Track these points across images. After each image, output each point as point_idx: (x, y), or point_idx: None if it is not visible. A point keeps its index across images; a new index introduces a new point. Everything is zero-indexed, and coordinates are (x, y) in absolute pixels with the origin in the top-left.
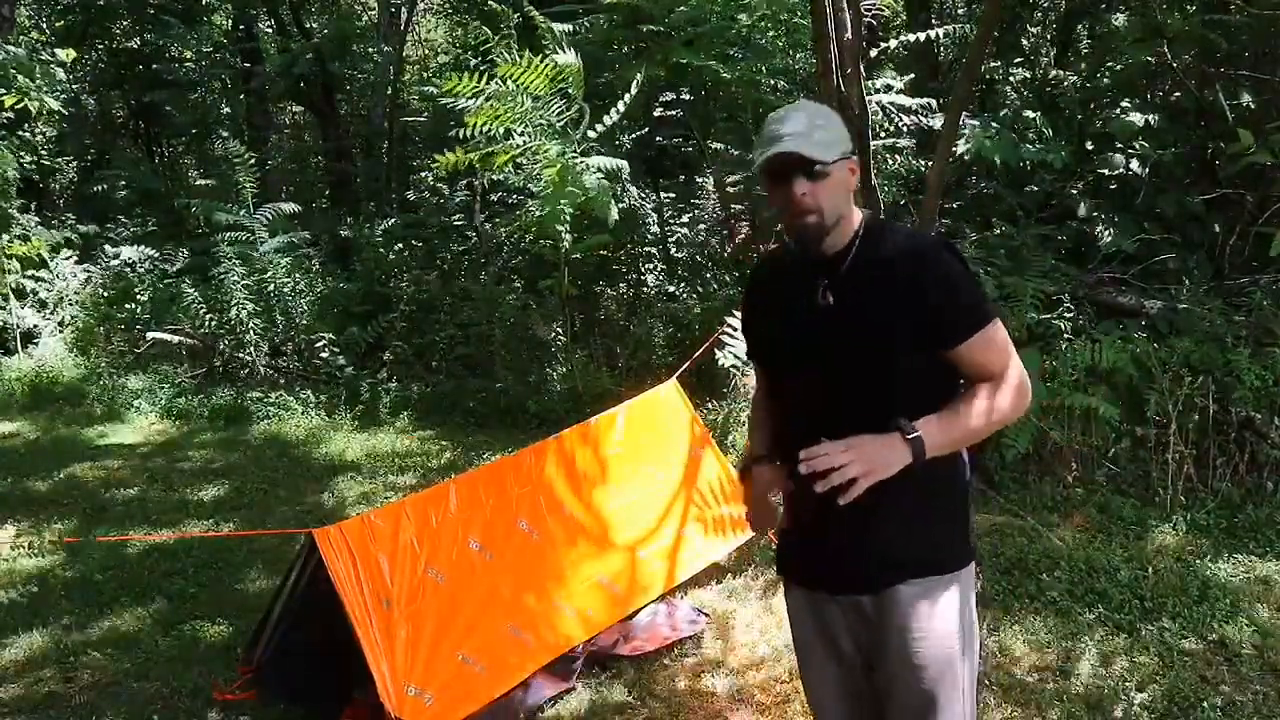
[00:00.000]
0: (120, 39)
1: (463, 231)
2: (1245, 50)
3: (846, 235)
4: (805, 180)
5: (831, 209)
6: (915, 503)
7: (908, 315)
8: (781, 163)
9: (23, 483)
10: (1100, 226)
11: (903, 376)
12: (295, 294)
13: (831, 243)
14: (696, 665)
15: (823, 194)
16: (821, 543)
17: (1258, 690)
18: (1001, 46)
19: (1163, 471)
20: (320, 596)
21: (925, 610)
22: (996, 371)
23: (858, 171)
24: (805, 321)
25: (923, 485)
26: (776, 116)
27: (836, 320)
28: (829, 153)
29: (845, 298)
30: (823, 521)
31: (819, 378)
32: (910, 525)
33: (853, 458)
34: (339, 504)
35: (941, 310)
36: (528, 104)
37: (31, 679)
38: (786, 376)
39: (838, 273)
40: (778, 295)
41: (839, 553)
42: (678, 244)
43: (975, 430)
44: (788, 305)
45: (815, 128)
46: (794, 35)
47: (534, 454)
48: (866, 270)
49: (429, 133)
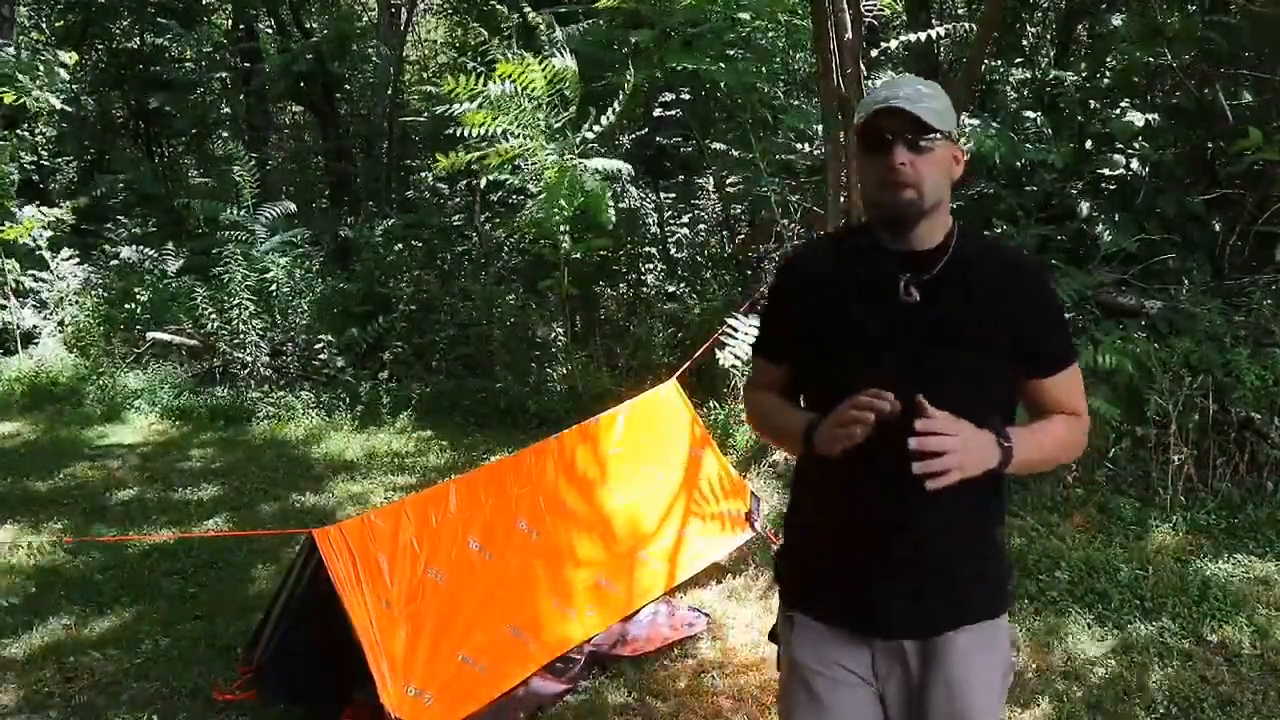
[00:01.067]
0: (120, 39)
1: (462, 231)
2: (1245, 50)
3: (940, 230)
4: (907, 150)
5: (932, 189)
6: (980, 532)
7: (1010, 334)
8: (884, 124)
9: (22, 483)
10: (1100, 226)
11: (986, 395)
12: (295, 294)
13: (923, 234)
14: (696, 665)
15: (925, 168)
16: (868, 572)
17: (1258, 690)
18: (1001, 46)
19: (1163, 471)
20: (320, 596)
21: (979, 662)
22: (1078, 409)
23: (963, 161)
24: (883, 315)
25: (987, 513)
26: (887, 82)
27: (925, 321)
28: (937, 120)
29: (939, 299)
30: (881, 544)
31: (893, 378)
32: (974, 559)
33: (957, 445)
34: (339, 504)
35: (1047, 339)
36: (526, 105)
37: (31, 679)
38: (850, 374)
39: (928, 270)
40: (844, 281)
41: (891, 586)
42: (678, 244)
43: (1050, 459)
44: (859, 293)
45: (925, 96)
46: (794, 35)
47: (534, 454)
48: (965, 275)
49: (429, 133)
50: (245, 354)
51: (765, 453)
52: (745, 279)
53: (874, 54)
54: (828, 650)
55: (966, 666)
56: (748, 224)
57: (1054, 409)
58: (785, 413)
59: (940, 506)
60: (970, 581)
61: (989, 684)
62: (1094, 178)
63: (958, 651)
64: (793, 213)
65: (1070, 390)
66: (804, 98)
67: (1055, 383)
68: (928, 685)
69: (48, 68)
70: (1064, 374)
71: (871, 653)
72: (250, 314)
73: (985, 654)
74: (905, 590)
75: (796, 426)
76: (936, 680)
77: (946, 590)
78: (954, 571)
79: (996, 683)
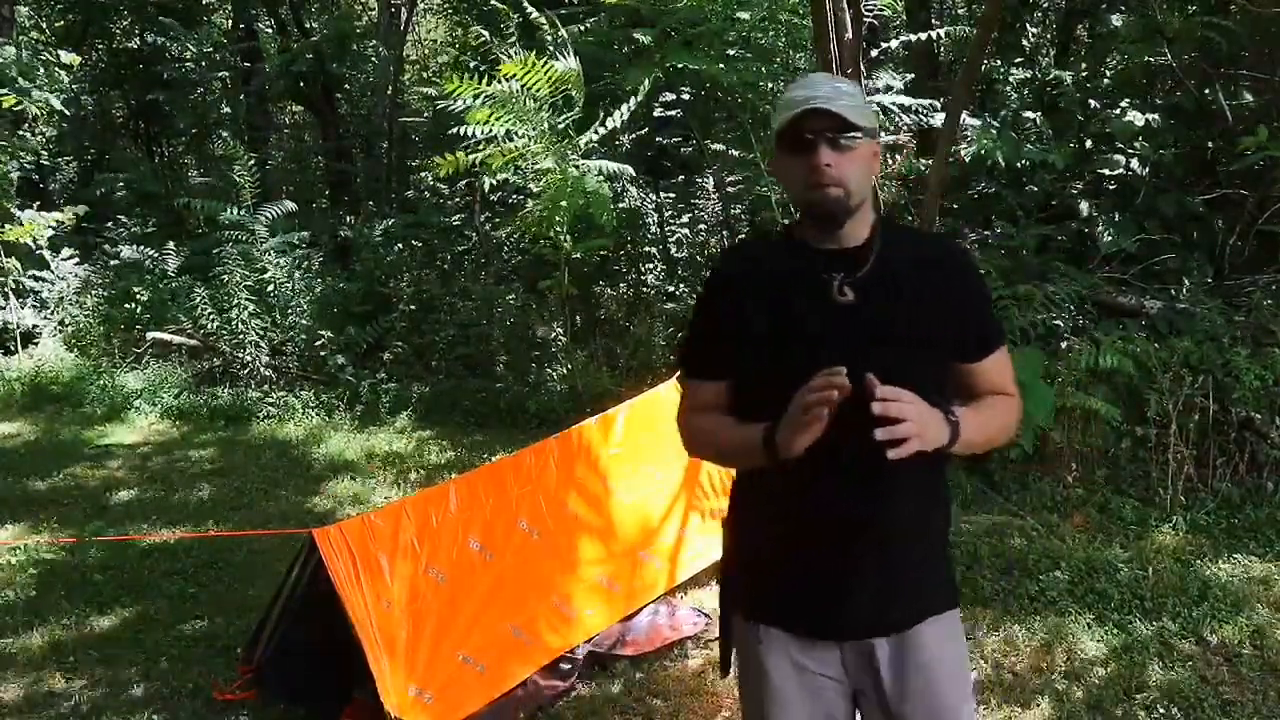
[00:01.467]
0: (120, 39)
1: (462, 231)
2: (1245, 50)
3: (865, 226)
4: (830, 150)
5: (857, 186)
6: (934, 525)
7: (945, 323)
8: (806, 124)
9: (22, 483)
10: (1100, 226)
11: (927, 385)
12: (295, 294)
13: (850, 232)
14: (696, 665)
15: (848, 167)
16: (834, 573)
17: (1258, 690)
18: (1001, 46)
19: (1163, 471)
20: (320, 596)
21: (949, 651)
22: (1009, 389)
23: (880, 158)
24: (820, 315)
25: (939, 505)
26: (799, 81)
27: (861, 320)
28: (861, 120)
29: (871, 298)
30: (842, 548)
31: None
32: (932, 552)
33: (916, 415)
34: (339, 504)
35: (976, 324)
36: (529, 106)
37: (31, 679)
38: (795, 375)
39: (859, 268)
40: (777, 282)
41: (858, 584)
42: (678, 244)
43: (991, 439)
44: (794, 294)
45: (843, 94)
46: (794, 35)
47: (534, 454)
48: (898, 269)
49: (429, 133)
50: (245, 354)
51: None
52: None
53: (874, 54)
54: (796, 655)
55: (938, 656)
56: (748, 224)
57: (986, 391)
58: (734, 428)
59: (899, 498)
60: (931, 574)
61: (960, 671)
62: (1094, 178)
63: (927, 642)
64: (793, 213)
65: (1001, 371)
66: None
67: (986, 366)
68: (903, 676)
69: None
70: (993, 357)
71: (840, 651)
72: (250, 314)
73: (952, 641)
74: (871, 588)
75: (753, 436)
76: (910, 671)
77: (913, 585)
78: (916, 565)
79: (965, 671)
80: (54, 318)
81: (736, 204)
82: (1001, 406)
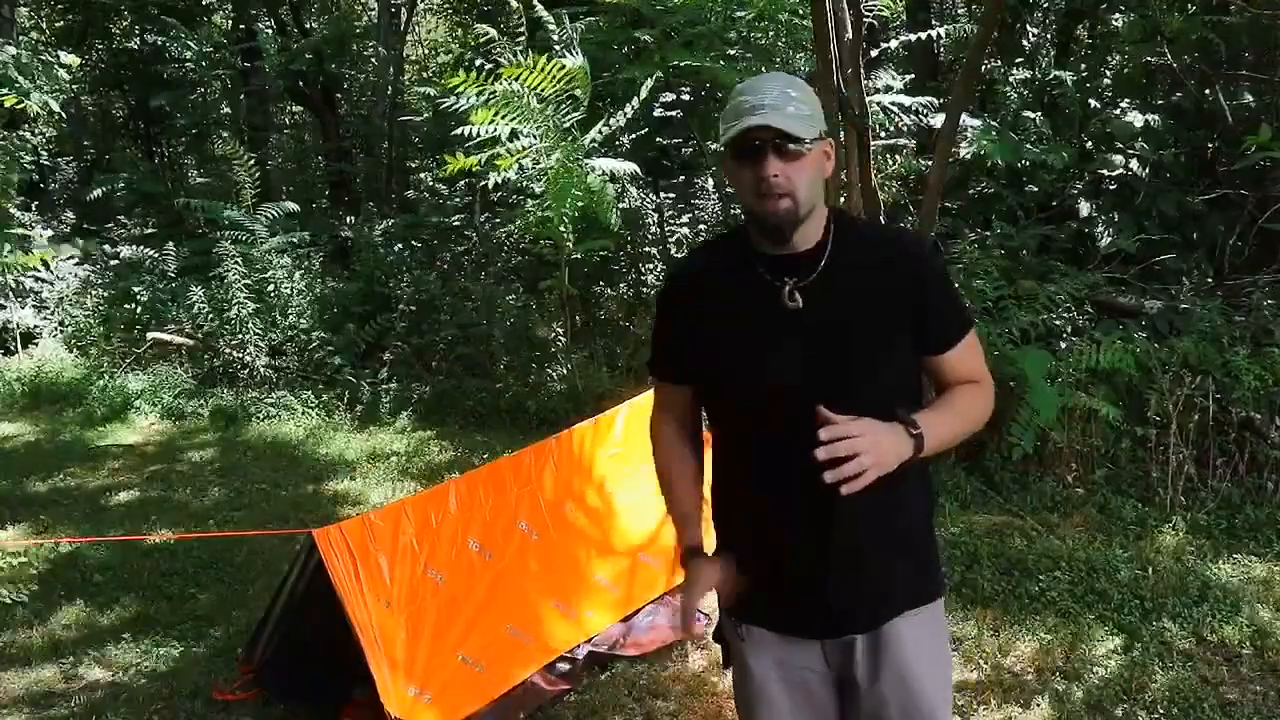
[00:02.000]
0: (120, 39)
1: (462, 231)
2: (1245, 50)
3: (817, 230)
4: (778, 159)
5: (807, 195)
6: (910, 522)
7: (903, 322)
8: (752, 138)
9: (23, 483)
10: (1100, 226)
11: (888, 386)
12: (295, 294)
13: (802, 237)
14: (696, 665)
15: (797, 176)
16: (806, 578)
17: (1258, 690)
18: (1001, 46)
19: (1163, 471)
20: (320, 596)
21: (925, 648)
22: (978, 376)
23: (833, 157)
24: (772, 329)
25: (914, 502)
26: (745, 86)
27: (812, 326)
28: (807, 129)
29: (823, 301)
30: (810, 553)
31: (796, 395)
32: (908, 549)
33: (868, 446)
34: (339, 504)
35: (941, 313)
36: (534, 104)
37: (31, 679)
38: (748, 388)
39: (811, 273)
40: (728, 298)
41: (834, 589)
42: (678, 244)
43: (962, 433)
44: (744, 310)
45: (790, 100)
46: (794, 35)
47: (534, 454)
48: (849, 271)
49: (429, 133)
50: (245, 354)
51: None
52: None
53: (874, 54)
54: (777, 651)
55: (914, 653)
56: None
57: (956, 380)
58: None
59: (867, 507)
60: (904, 571)
61: (937, 670)
62: (1094, 178)
63: (903, 639)
64: None
65: (970, 359)
66: None
67: (951, 357)
68: (878, 672)
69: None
70: (960, 345)
71: (821, 646)
72: (250, 314)
73: (930, 638)
74: (841, 590)
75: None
76: (884, 667)
77: (883, 584)
78: (889, 565)
79: (943, 668)
80: (54, 318)
81: (736, 204)
82: (968, 397)
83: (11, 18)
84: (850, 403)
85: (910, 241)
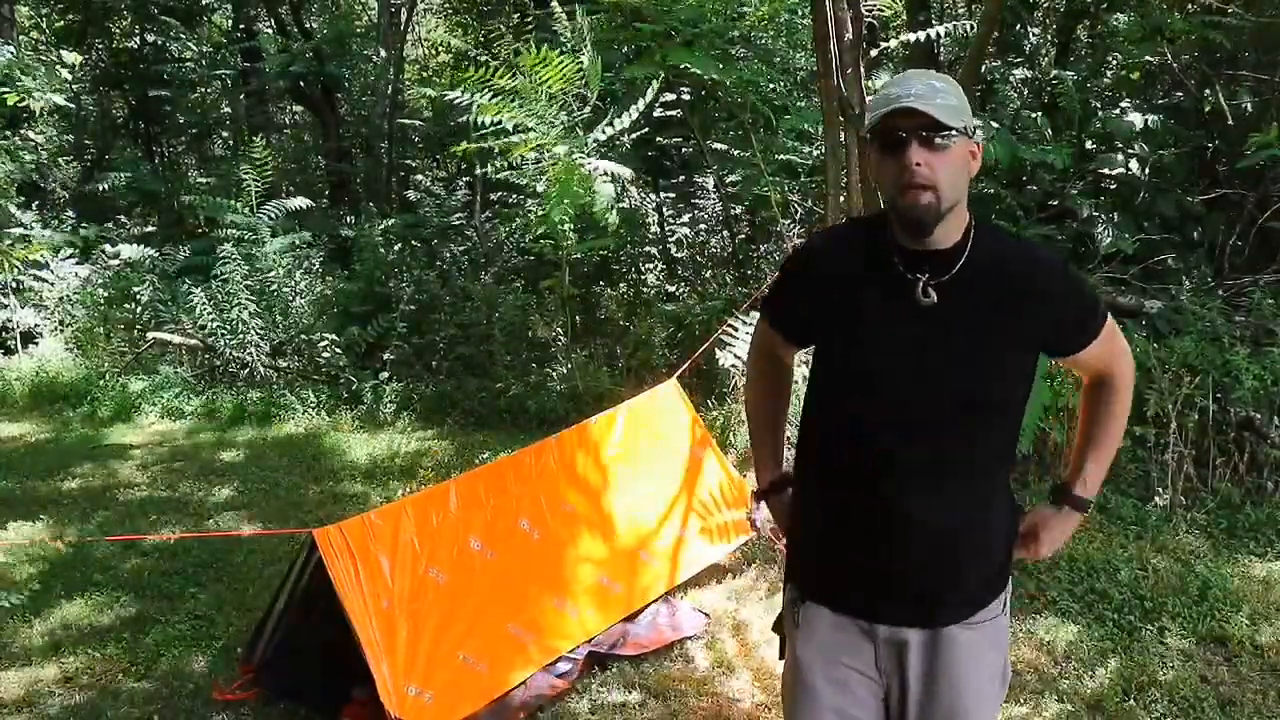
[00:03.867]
0: (120, 39)
1: (462, 231)
2: (1245, 50)
3: (958, 229)
4: (923, 149)
5: (950, 188)
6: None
7: (1033, 329)
8: (898, 123)
9: (23, 483)
10: (1100, 226)
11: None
12: (295, 294)
13: (942, 234)
14: (697, 665)
15: (941, 168)
16: (879, 562)
17: (1258, 690)
18: (1001, 46)
19: (1163, 471)
20: (320, 596)
21: (981, 660)
22: (1114, 368)
23: (979, 158)
24: (899, 314)
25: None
26: (896, 79)
27: (940, 322)
28: (953, 118)
29: (957, 301)
30: (888, 533)
31: (910, 378)
32: (983, 557)
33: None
34: (339, 504)
35: (1073, 326)
36: (544, 100)
37: (31, 679)
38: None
39: (946, 271)
40: (861, 279)
41: (902, 576)
42: (678, 244)
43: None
44: (877, 291)
45: (938, 92)
46: (794, 35)
47: (534, 454)
48: (983, 277)
49: (428, 133)
50: (245, 354)
51: None
52: (745, 279)
53: (874, 54)
54: (832, 646)
55: (968, 663)
56: (748, 224)
57: (1091, 371)
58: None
59: (952, 502)
60: (977, 579)
61: (988, 682)
62: (1094, 178)
63: (960, 647)
64: (793, 213)
65: (1102, 356)
66: (804, 97)
67: (1083, 356)
68: (931, 677)
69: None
70: (1091, 346)
71: (875, 647)
72: (250, 314)
73: (987, 651)
74: (914, 580)
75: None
76: (939, 674)
77: (954, 586)
78: (962, 568)
79: (996, 681)
80: (54, 318)
81: (736, 204)
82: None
83: (11, 17)
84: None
85: (1044, 256)
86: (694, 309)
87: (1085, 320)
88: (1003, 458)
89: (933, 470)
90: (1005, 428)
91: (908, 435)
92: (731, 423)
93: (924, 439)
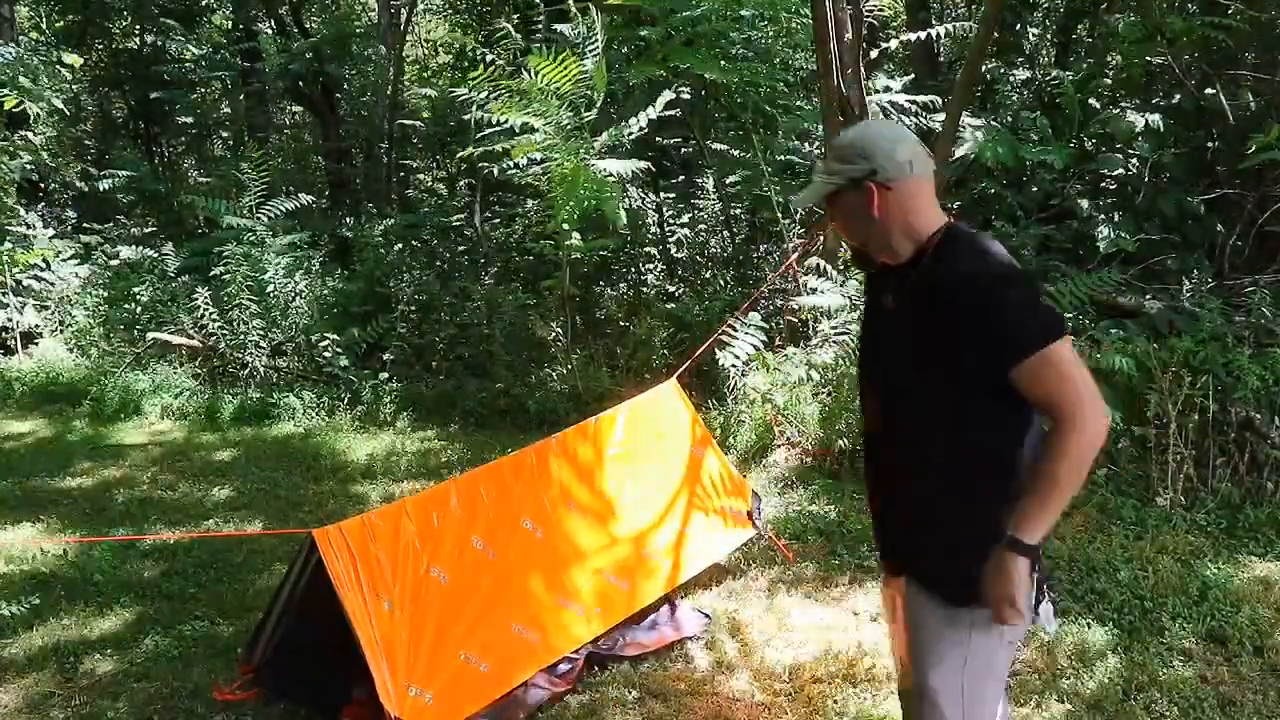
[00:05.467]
0: (120, 39)
1: (463, 231)
2: (1246, 50)
3: (907, 249)
4: (830, 213)
5: (854, 234)
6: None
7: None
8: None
9: (24, 483)
10: (1100, 226)
11: (932, 389)
12: (295, 294)
13: (889, 256)
14: (697, 666)
15: (844, 224)
16: (879, 515)
17: (1258, 690)
18: (1001, 46)
19: (1163, 471)
20: (320, 596)
21: (919, 616)
22: (1057, 402)
23: (878, 193)
24: (876, 321)
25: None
26: None
27: (897, 324)
28: (829, 183)
29: (906, 306)
30: (881, 496)
31: (879, 380)
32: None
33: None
34: (339, 504)
35: (999, 341)
36: (551, 102)
37: (31, 679)
38: (861, 369)
39: (903, 280)
40: (873, 284)
41: (884, 525)
42: (678, 244)
43: (1066, 497)
44: (872, 295)
45: (819, 170)
46: (794, 35)
47: (535, 453)
48: (924, 287)
49: (428, 133)
50: (246, 354)
51: (765, 453)
52: (745, 279)
53: (874, 54)
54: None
55: (915, 617)
56: (748, 224)
57: (1033, 400)
58: None
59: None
60: (923, 546)
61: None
62: (1094, 178)
63: (910, 596)
64: (793, 213)
65: (1039, 380)
66: (804, 97)
67: (1019, 378)
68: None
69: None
70: (1023, 368)
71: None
72: (251, 314)
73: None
74: (889, 536)
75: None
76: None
77: (906, 546)
78: (909, 531)
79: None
80: (54, 318)
81: (736, 204)
82: (1050, 447)
83: (11, 18)
84: (908, 403)
85: (976, 274)
86: (694, 309)
87: (1006, 339)
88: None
89: (886, 440)
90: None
91: (875, 413)
92: (732, 422)
93: (879, 416)
